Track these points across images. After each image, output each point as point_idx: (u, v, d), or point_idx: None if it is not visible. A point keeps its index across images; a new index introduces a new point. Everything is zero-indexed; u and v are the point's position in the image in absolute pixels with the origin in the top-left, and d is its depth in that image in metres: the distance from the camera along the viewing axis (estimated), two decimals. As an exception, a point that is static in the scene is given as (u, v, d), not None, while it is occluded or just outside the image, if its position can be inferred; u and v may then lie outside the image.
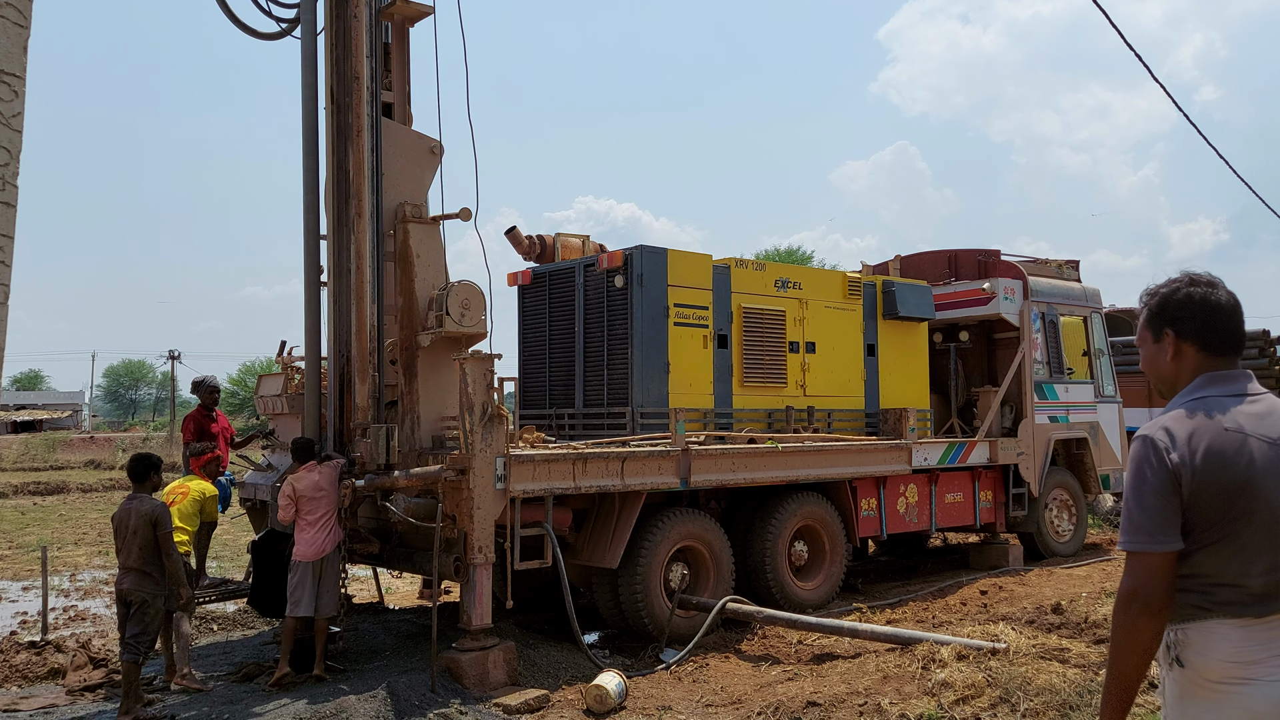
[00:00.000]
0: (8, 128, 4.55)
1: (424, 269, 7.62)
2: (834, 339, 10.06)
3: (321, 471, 7.03)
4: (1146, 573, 2.31)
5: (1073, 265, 12.98)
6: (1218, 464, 2.32)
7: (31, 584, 11.39)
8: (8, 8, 4.55)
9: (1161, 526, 2.31)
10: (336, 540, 7.05)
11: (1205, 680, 2.33)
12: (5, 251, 4.53)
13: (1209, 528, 2.32)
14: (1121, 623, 2.34)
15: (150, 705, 6.44)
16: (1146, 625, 2.31)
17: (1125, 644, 2.33)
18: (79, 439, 43.74)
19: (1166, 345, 2.54)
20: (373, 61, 7.58)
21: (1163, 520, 2.31)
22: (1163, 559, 2.31)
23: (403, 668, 7.01)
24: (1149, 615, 2.30)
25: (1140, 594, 2.31)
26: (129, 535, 6.31)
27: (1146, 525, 2.32)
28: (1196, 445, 2.34)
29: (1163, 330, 2.54)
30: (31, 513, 20.01)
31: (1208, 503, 2.31)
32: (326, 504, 6.96)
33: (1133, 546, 2.34)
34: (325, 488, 6.97)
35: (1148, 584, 2.31)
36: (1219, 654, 2.32)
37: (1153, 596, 2.30)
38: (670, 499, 8.42)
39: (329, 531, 6.97)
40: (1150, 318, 2.58)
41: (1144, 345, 2.61)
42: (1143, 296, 2.62)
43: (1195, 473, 2.31)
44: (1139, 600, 2.31)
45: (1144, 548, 2.32)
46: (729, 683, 6.84)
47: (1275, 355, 16.57)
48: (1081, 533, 12.24)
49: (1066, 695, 5.48)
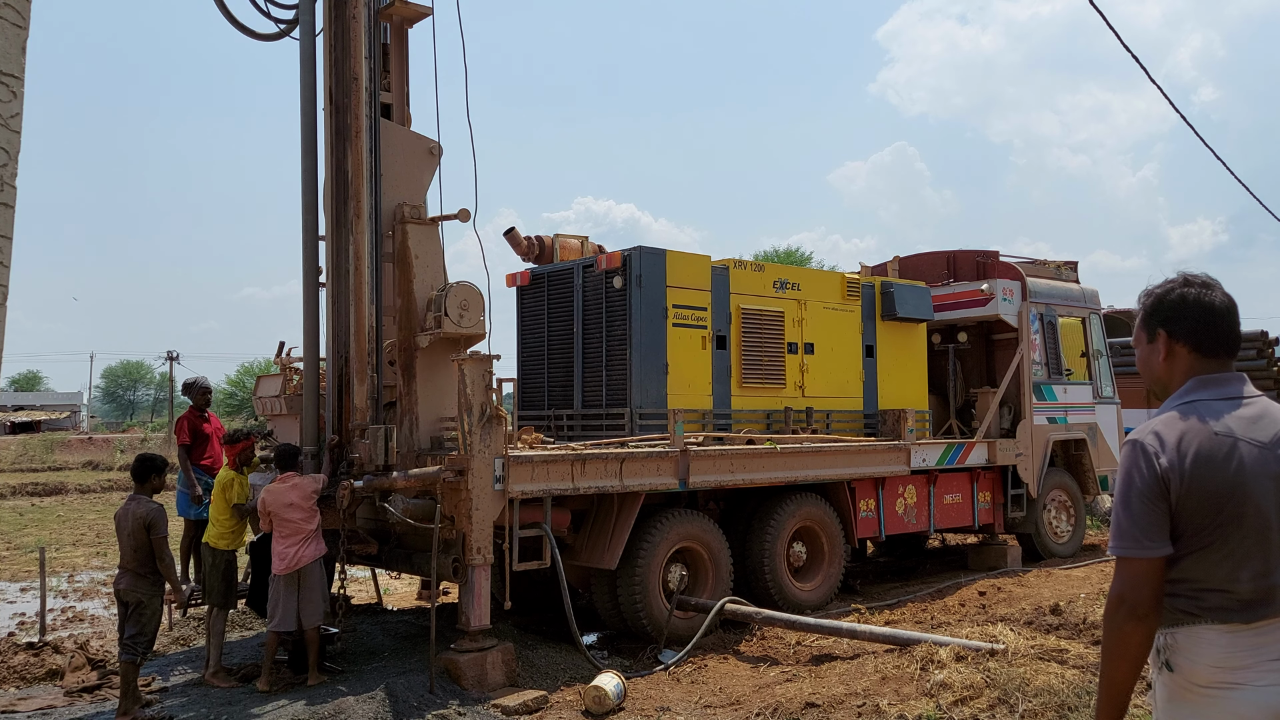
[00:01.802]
0: (6, 128, 4.55)
1: (422, 270, 7.62)
2: (832, 340, 10.06)
3: (296, 486, 6.87)
4: (1134, 578, 2.31)
5: (1071, 266, 12.99)
6: (1207, 468, 2.31)
7: (29, 585, 11.39)
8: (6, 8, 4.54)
9: (1148, 532, 2.30)
10: (316, 554, 6.86)
11: (1193, 685, 2.33)
12: (4, 252, 4.52)
13: (1198, 533, 2.31)
14: (1111, 628, 2.34)
15: (149, 706, 6.44)
16: (1135, 630, 2.30)
17: (1115, 649, 2.33)
18: (77, 440, 43.72)
19: (1159, 346, 2.53)
20: (371, 62, 7.57)
21: (1150, 526, 2.31)
22: (1151, 564, 2.30)
23: (401, 669, 7.00)
24: (1137, 620, 2.30)
25: (1128, 599, 2.31)
26: (125, 536, 6.35)
27: (1134, 531, 2.32)
28: (1186, 449, 2.32)
29: (1156, 330, 2.53)
30: (29, 514, 20.00)
31: (1196, 508, 2.30)
32: (300, 520, 6.80)
33: (1121, 552, 2.34)
34: (296, 503, 6.80)
35: (1136, 590, 2.30)
36: (1207, 659, 2.31)
37: (1140, 601, 2.30)
38: (669, 500, 8.42)
39: (303, 546, 6.80)
40: (1145, 318, 2.57)
41: (1139, 346, 2.60)
42: (1140, 297, 2.62)
43: (1184, 477, 2.30)
44: (1127, 605, 2.31)
45: (1131, 553, 2.32)
46: (728, 684, 6.84)
47: (1273, 357, 16.57)
48: (1080, 534, 12.25)
49: (1065, 696, 5.48)
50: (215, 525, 7.28)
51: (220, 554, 7.23)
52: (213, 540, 7.27)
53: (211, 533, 7.30)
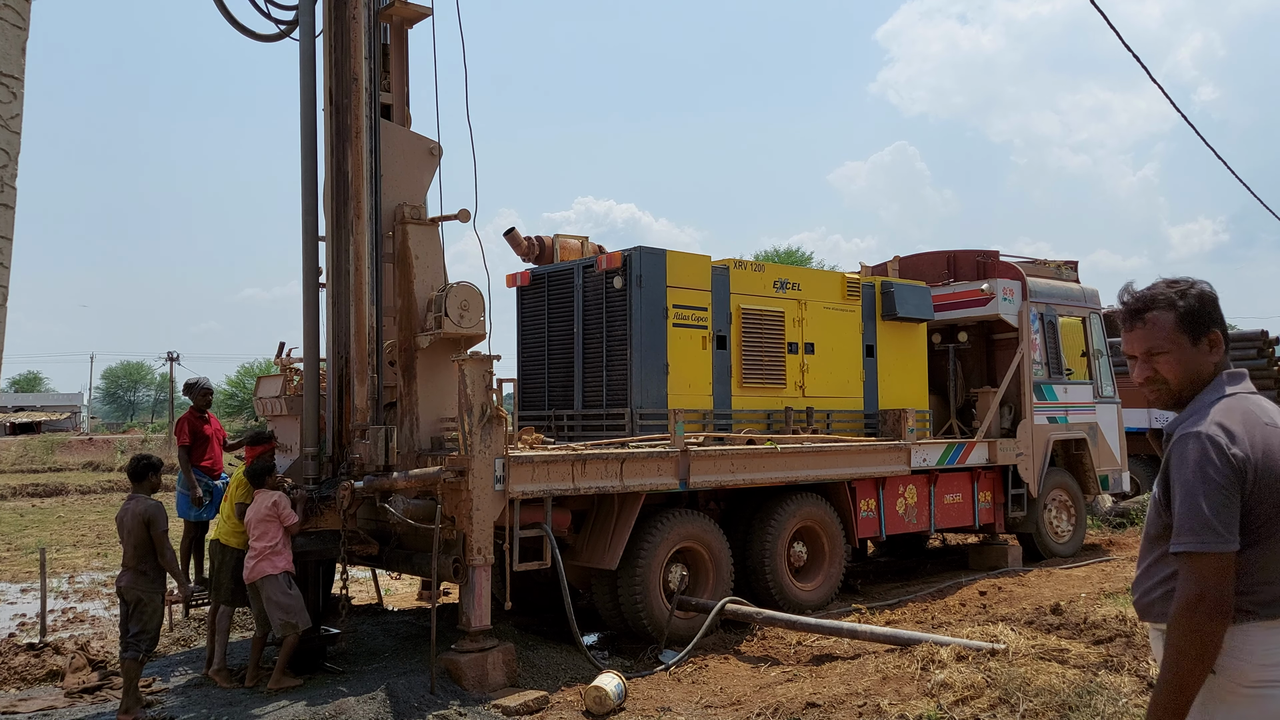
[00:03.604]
0: (6, 129, 4.55)
1: (423, 270, 7.62)
2: (833, 340, 10.06)
3: (260, 500, 6.96)
4: (1217, 574, 2.23)
5: (1071, 266, 12.99)
6: (1275, 459, 2.28)
7: (30, 586, 11.39)
8: (6, 9, 4.54)
9: (1228, 525, 2.24)
10: (274, 569, 6.86)
11: (1236, 685, 2.28)
12: (4, 254, 4.52)
13: (1261, 524, 2.27)
14: (1190, 629, 2.23)
15: (150, 707, 6.45)
16: (1217, 629, 2.23)
17: (1194, 651, 2.23)
18: (77, 441, 43.72)
19: (1216, 344, 2.48)
20: (371, 63, 7.57)
21: (1230, 518, 2.24)
22: (1229, 559, 2.24)
23: (402, 669, 7.00)
24: (1220, 618, 2.22)
25: (1210, 596, 2.22)
26: (125, 534, 6.38)
27: (1215, 524, 2.23)
28: (1255, 441, 2.29)
29: (1210, 330, 2.48)
30: (30, 515, 20.00)
31: (1263, 499, 2.27)
32: (266, 534, 6.89)
33: (1203, 547, 2.24)
34: (264, 518, 6.90)
35: (1219, 585, 2.22)
36: (1255, 657, 2.27)
37: (1224, 598, 2.22)
38: (669, 500, 8.42)
39: (258, 560, 6.86)
40: (1196, 318, 2.47)
41: (1178, 348, 2.48)
42: (1160, 297, 2.50)
43: (1258, 469, 2.27)
44: (1209, 603, 2.22)
45: (1213, 547, 2.23)
46: (728, 684, 6.84)
47: (1273, 356, 16.57)
48: (1080, 533, 12.25)
49: (1066, 696, 5.48)
50: (227, 522, 7.29)
51: (230, 551, 7.24)
52: (224, 537, 7.29)
53: (223, 529, 7.32)
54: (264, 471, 7.10)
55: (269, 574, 6.83)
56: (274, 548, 6.88)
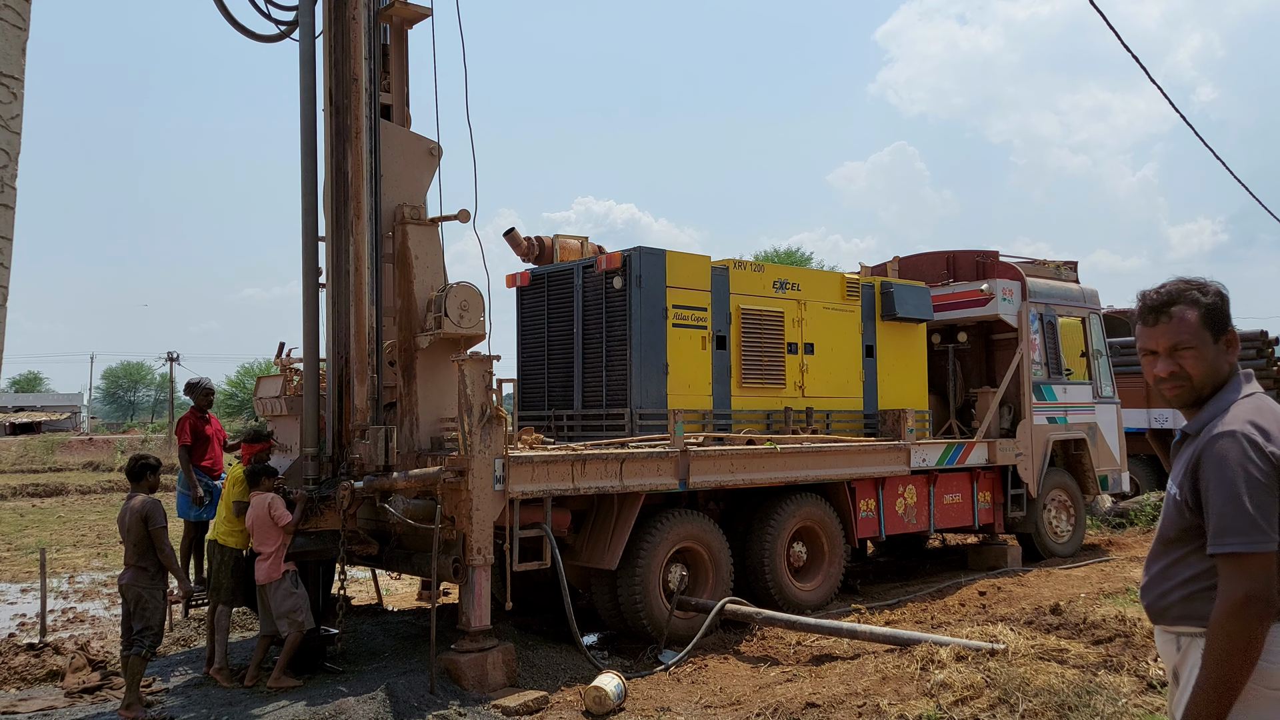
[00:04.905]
0: (6, 130, 4.55)
1: (422, 270, 7.62)
2: (832, 340, 10.06)
3: (255, 503, 6.98)
4: (1264, 573, 2.21)
5: (1071, 266, 12.99)
6: None
7: (30, 586, 11.39)
8: (6, 10, 4.55)
9: (1272, 524, 2.22)
10: (268, 575, 6.93)
11: (1263, 688, 2.26)
12: (4, 254, 4.53)
13: None
14: (1238, 630, 2.20)
15: (150, 706, 6.45)
16: (1264, 629, 2.21)
17: (1241, 652, 2.21)
18: (78, 441, 43.74)
19: (1234, 343, 2.49)
20: (371, 63, 7.58)
21: (1272, 517, 2.22)
22: (1274, 559, 2.22)
23: (401, 669, 7.01)
24: (1268, 619, 2.20)
25: (1259, 596, 2.19)
26: (126, 532, 6.42)
27: (1261, 523, 2.21)
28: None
29: (1228, 329, 2.49)
30: (30, 515, 20.00)
31: None
32: (267, 540, 6.93)
33: (1249, 547, 2.21)
34: (262, 524, 6.94)
35: (1267, 585, 2.20)
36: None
37: (1272, 598, 2.20)
38: (669, 500, 8.42)
39: (260, 562, 6.94)
40: (1218, 316, 2.48)
41: (1203, 344, 2.47)
42: (1184, 293, 2.50)
43: None
44: (1258, 603, 2.19)
45: (1260, 547, 2.20)
46: (728, 684, 6.84)
47: (1273, 356, 16.59)
48: (1080, 533, 12.25)
49: (1065, 696, 5.49)
50: (226, 522, 7.30)
51: (229, 551, 7.26)
52: (221, 537, 7.30)
53: (221, 529, 7.33)
54: (261, 474, 7.12)
55: (274, 579, 6.93)
56: (277, 552, 6.95)
